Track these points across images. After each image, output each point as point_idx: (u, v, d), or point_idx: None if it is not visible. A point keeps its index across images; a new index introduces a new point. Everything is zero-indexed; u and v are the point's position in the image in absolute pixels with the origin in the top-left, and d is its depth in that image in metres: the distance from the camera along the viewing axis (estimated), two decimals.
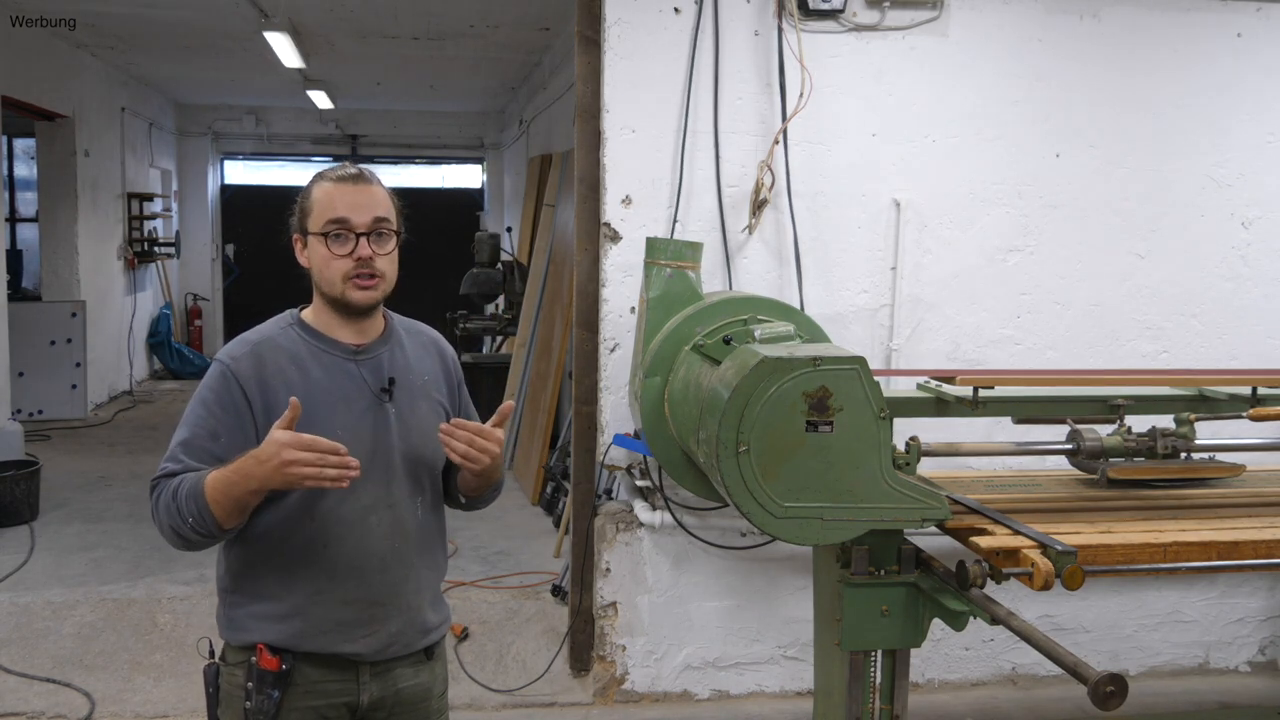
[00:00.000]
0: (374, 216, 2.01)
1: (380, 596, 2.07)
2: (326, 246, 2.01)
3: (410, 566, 2.11)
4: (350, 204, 2.00)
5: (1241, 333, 4.32)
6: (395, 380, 2.09)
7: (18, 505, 5.80)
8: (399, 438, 2.08)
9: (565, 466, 5.61)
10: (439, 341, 2.28)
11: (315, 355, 2.06)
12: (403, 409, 2.10)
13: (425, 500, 2.15)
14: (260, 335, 2.09)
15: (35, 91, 7.80)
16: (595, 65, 3.91)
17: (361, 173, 2.07)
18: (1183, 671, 4.45)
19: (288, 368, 2.03)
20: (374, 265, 2.01)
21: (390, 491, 2.07)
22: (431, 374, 2.19)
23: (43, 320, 8.57)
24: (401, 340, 2.17)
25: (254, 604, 2.05)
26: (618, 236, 3.91)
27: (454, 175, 14.11)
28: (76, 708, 3.87)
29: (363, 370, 2.08)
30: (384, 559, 2.07)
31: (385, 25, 7.48)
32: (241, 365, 2.02)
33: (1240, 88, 4.23)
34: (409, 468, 2.10)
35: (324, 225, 2.00)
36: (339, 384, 2.05)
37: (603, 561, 4.03)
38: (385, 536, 2.06)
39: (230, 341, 2.12)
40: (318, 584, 2.02)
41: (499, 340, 9.47)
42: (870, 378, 2.49)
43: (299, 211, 2.07)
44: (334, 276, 2.01)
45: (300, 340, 2.07)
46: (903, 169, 4.03)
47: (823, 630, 2.93)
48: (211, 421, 1.99)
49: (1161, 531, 2.54)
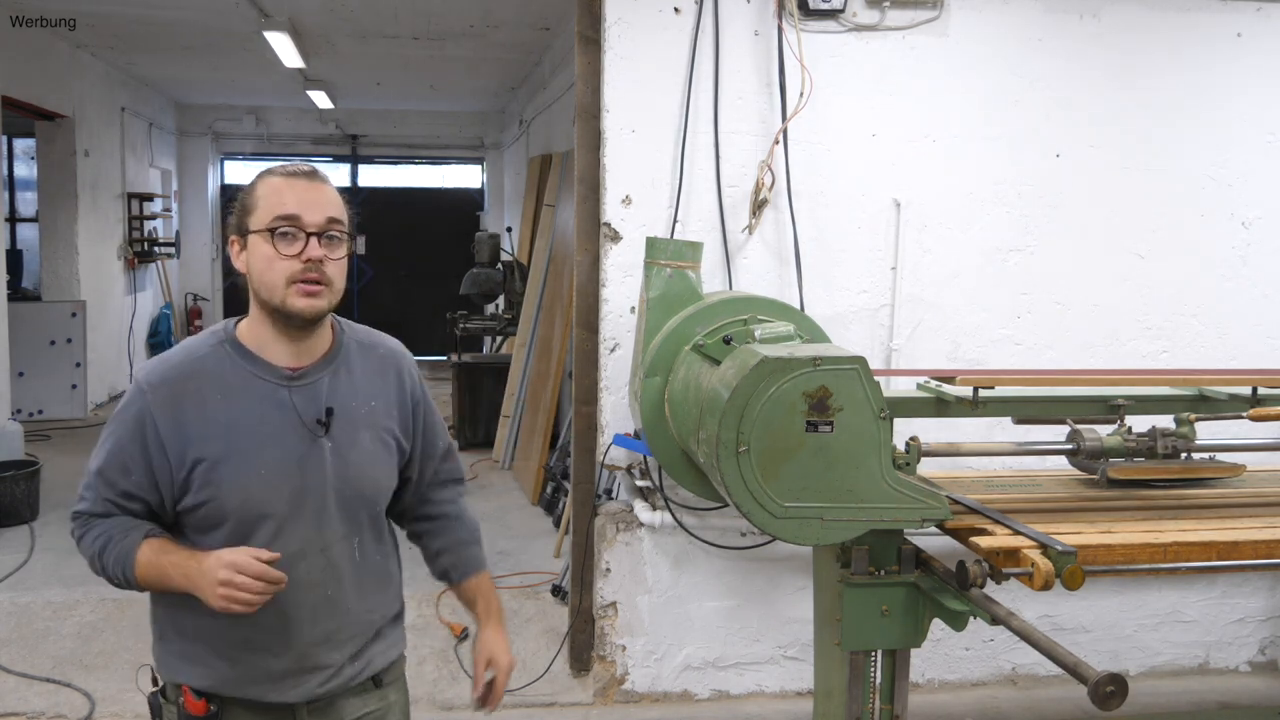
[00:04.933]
0: (327, 216, 1.81)
1: (311, 648, 1.90)
2: (272, 245, 1.78)
3: (346, 613, 1.93)
4: (301, 200, 1.80)
5: (1241, 333, 4.32)
6: (333, 410, 1.88)
7: (18, 505, 5.81)
8: (334, 475, 1.87)
9: (565, 466, 5.61)
10: (399, 357, 2.05)
11: (244, 380, 1.84)
12: (340, 443, 1.88)
13: (364, 538, 1.95)
14: (186, 354, 1.87)
15: (35, 91, 7.80)
16: (595, 65, 3.91)
17: (315, 170, 1.88)
18: (1183, 671, 4.45)
19: (209, 397, 1.82)
20: (323, 270, 1.80)
21: (322, 534, 1.88)
22: (381, 399, 1.97)
23: (43, 320, 8.57)
24: (350, 359, 1.95)
25: (180, 643, 1.90)
26: (618, 236, 3.91)
27: (454, 175, 14.11)
28: (76, 708, 3.87)
29: (295, 398, 1.85)
30: (314, 609, 1.88)
31: (385, 25, 7.48)
32: (157, 395, 1.81)
33: (1240, 88, 4.23)
34: (344, 507, 1.90)
35: (271, 221, 1.78)
36: (266, 415, 1.83)
37: (603, 561, 4.02)
38: (317, 584, 1.88)
39: (155, 357, 1.93)
40: (243, 633, 1.85)
41: (499, 340, 9.48)
42: (870, 378, 2.48)
43: (239, 209, 1.85)
44: (276, 280, 1.79)
45: (229, 361, 1.85)
46: (903, 169, 4.03)
47: (823, 630, 2.93)
48: (122, 456, 1.83)
49: (1161, 531, 2.54)
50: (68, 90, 8.52)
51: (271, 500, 1.83)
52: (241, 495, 1.81)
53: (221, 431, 1.80)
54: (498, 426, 7.83)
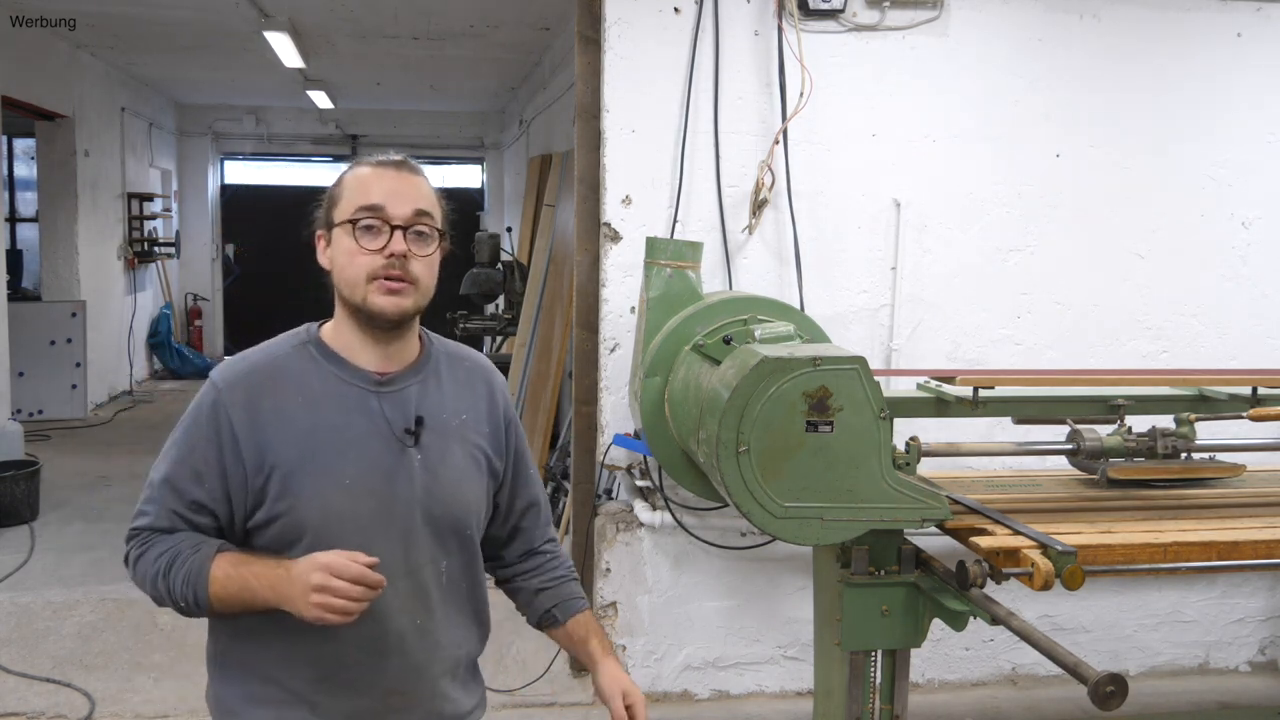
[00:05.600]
0: (416, 209, 1.68)
1: (400, 684, 1.73)
2: (354, 238, 1.65)
3: (436, 645, 1.76)
4: (389, 190, 1.67)
5: (1241, 333, 4.32)
6: (424, 420, 1.73)
7: (18, 505, 5.81)
8: (423, 490, 1.71)
9: (565, 466, 5.61)
10: (489, 372, 1.89)
11: (329, 384, 1.69)
12: (430, 455, 1.73)
13: (454, 563, 1.79)
14: (266, 354, 1.73)
15: (35, 91, 7.80)
16: (595, 65, 3.91)
17: (406, 160, 1.74)
18: (1183, 671, 4.44)
19: (291, 399, 1.67)
20: (408, 267, 1.65)
21: (409, 556, 1.72)
22: (471, 413, 1.81)
23: (43, 320, 8.57)
24: (439, 369, 1.80)
25: (248, 684, 1.71)
26: (618, 236, 3.91)
27: (454, 175, 14.11)
28: (76, 708, 3.87)
29: (385, 405, 1.71)
30: (403, 637, 1.72)
31: (385, 25, 7.47)
32: (235, 394, 1.66)
33: (1240, 88, 4.23)
34: (433, 526, 1.74)
35: (354, 212, 1.65)
36: (353, 422, 1.68)
37: (603, 561, 4.02)
38: (404, 610, 1.71)
39: (232, 357, 1.77)
40: (325, 668, 1.69)
41: (499, 340, 9.48)
42: (870, 378, 2.48)
43: (326, 202, 1.72)
44: (357, 275, 1.65)
45: (313, 363, 1.71)
46: (903, 169, 4.03)
47: (823, 630, 2.93)
48: (194, 460, 1.66)
49: (1161, 531, 2.54)
50: (68, 90, 8.52)
51: (355, 514, 1.66)
52: (322, 507, 1.64)
53: (302, 437, 1.64)
54: None
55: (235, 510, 1.67)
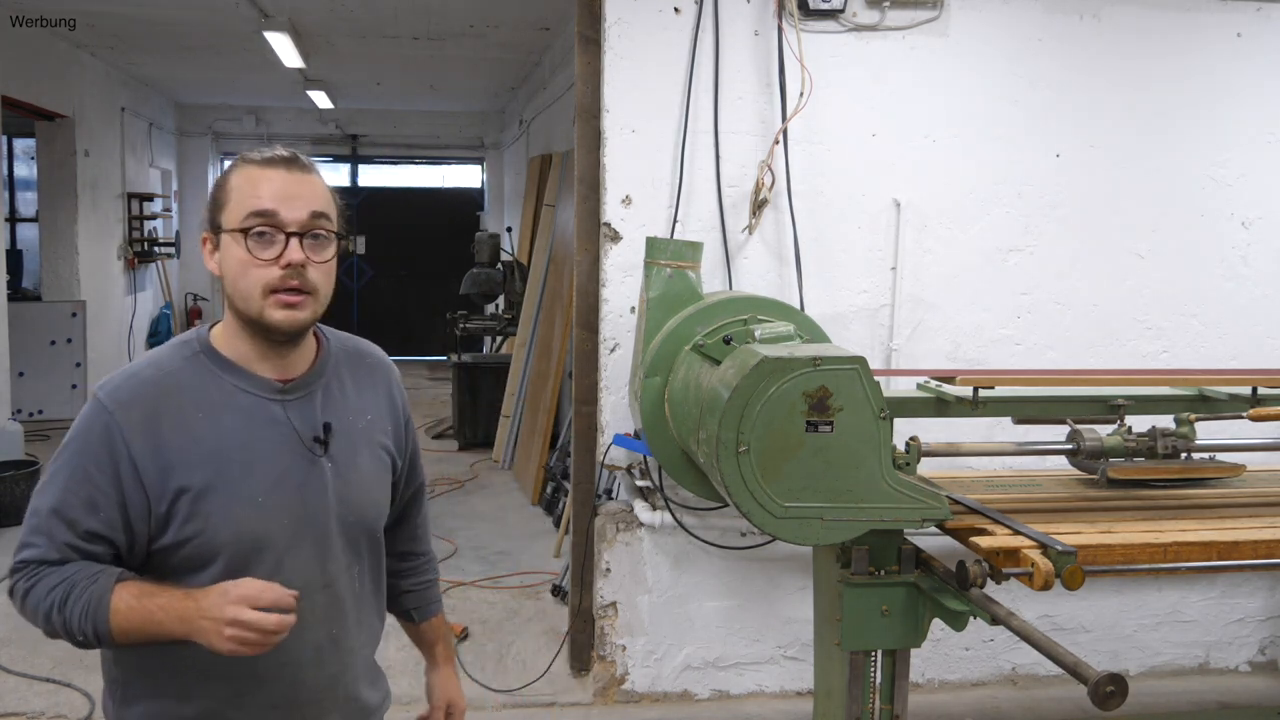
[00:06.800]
0: (311, 211, 1.55)
1: (314, 695, 1.69)
2: (245, 248, 1.53)
3: (350, 653, 1.73)
4: (280, 193, 1.53)
5: (1241, 333, 4.32)
6: (331, 426, 1.65)
7: (18, 505, 5.80)
8: (336, 499, 1.65)
9: (565, 466, 5.61)
10: (388, 369, 1.84)
11: (229, 396, 1.59)
12: (340, 462, 1.67)
13: (365, 566, 1.76)
14: (156, 368, 1.60)
15: (35, 91, 7.80)
16: (595, 65, 3.91)
17: (296, 156, 1.59)
18: (1183, 671, 4.45)
19: (191, 416, 1.55)
20: (305, 275, 1.54)
21: (325, 568, 1.66)
22: (375, 412, 1.76)
23: (43, 320, 8.57)
24: (340, 370, 1.73)
25: (151, 702, 1.63)
26: (618, 236, 3.91)
27: (454, 175, 14.12)
28: (76, 708, 3.87)
29: (291, 414, 1.62)
30: (319, 650, 1.67)
31: (385, 25, 7.48)
32: (130, 415, 1.53)
33: (1240, 88, 4.23)
34: (347, 534, 1.69)
35: (244, 219, 1.53)
36: (260, 435, 1.59)
37: (603, 561, 4.02)
38: (321, 622, 1.66)
39: (116, 373, 1.62)
40: (237, 685, 1.61)
41: (499, 340, 9.48)
42: (870, 378, 2.48)
43: (211, 202, 1.59)
44: (251, 289, 1.54)
45: (210, 375, 1.60)
46: (903, 169, 4.03)
47: (823, 630, 2.93)
48: (87, 489, 1.53)
49: (1161, 531, 2.54)
50: (68, 90, 8.52)
51: (269, 531, 1.59)
52: (234, 527, 1.56)
53: (208, 457, 1.54)
54: (498, 426, 7.83)
55: (137, 538, 1.57)
